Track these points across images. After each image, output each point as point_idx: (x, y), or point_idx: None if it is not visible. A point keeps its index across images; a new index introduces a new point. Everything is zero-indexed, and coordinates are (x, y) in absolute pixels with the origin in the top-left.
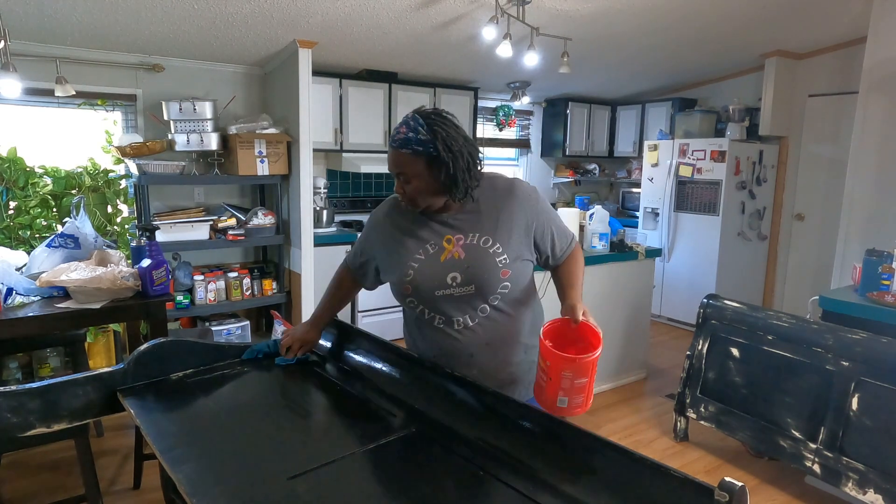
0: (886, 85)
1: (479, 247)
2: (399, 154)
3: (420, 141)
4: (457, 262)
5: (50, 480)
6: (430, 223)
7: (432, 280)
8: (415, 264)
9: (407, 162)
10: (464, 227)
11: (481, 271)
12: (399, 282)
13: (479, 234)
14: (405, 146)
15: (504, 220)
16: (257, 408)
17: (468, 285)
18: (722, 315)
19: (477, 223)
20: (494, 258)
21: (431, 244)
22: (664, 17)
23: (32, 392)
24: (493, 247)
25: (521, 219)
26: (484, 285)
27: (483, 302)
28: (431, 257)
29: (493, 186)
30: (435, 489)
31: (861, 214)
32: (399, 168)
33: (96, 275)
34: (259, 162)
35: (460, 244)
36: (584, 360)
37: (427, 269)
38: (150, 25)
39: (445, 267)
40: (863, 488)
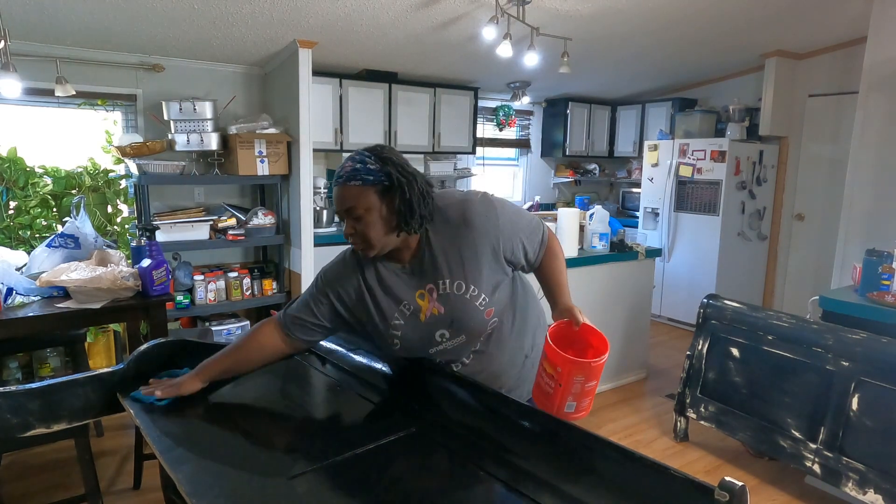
0: (886, 85)
1: (455, 295)
2: (346, 189)
3: (369, 170)
4: (439, 319)
5: (50, 480)
6: (394, 279)
7: (421, 342)
8: (397, 332)
9: (357, 195)
10: (429, 275)
11: (467, 321)
12: (387, 348)
13: (449, 281)
14: (353, 178)
15: (468, 256)
16: (257, 408)
17: (458, 337)
18: (722, 315)
19: (440, 267)
20: (474, 303)
21: (405, 304)
22: (664, 17)
23: (32, 392)
24: (469, 291)
25: (486, 246)
26: (473, 332)
27: (475, 344)
28: (411, 319)
29: (446, 220)
30: (435, 489)
31: (861, 214)
32: (348, 203)
33: (96, 275)
34: (259, 162)
35: (434, 297)
36: (598, 364)
37: (412, 334)
38: (150, 25)
39: (429, 326)
40: (863, 488)
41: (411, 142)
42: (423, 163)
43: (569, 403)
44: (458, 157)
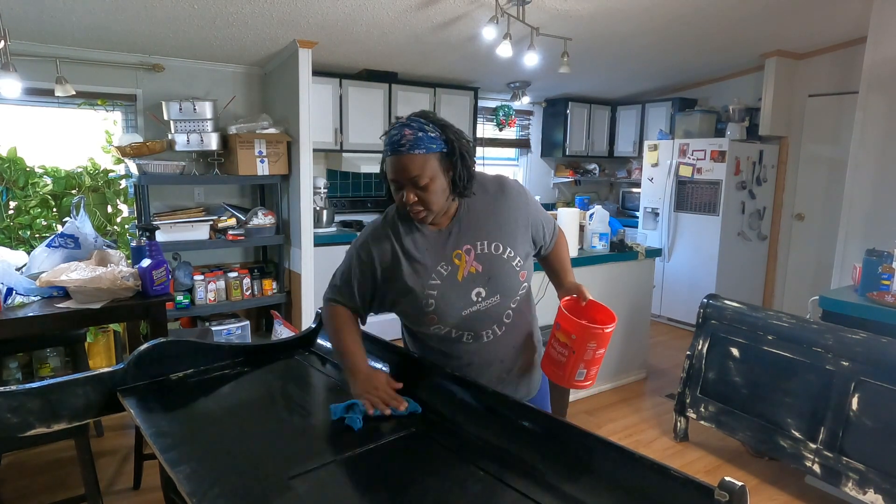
0: (886, 85)
1: (493, 255)
2: (411, 158)
3: (431, 138)
4: (477, 277)
5: (50, 480)
6: (430, 242)
7: (457, 302)
8: (433, 292)
9: (422, 164)
10: (468, 237)
11: (503, 279)
12: (420, 313)
13: (487, 241)
14: (416, 147)
15: (505, 221)
16: (257, 408)
17: (493, 296)
18: (722, 315)
19: (480, 230)
20: (511, 263)
21: (443, 265)
22: (664, 17)
23: (32, 392)
24: (506, 252)
25: (520, 217)
26: (508, 292)
27: (508, 308)
28: (448, 279)
29: (484, 188)
30: (435, 489)
31: (861, 214)
32: (414, 172)
33: (96, 275)
34: (259, 162)
35: (472, 256)
36: (608, 332)
37: (449, 293)
38: (150, 25)
39: (467, 284)
40: (863, 488)
41: None
42: None
43: (580, 371)
44: None
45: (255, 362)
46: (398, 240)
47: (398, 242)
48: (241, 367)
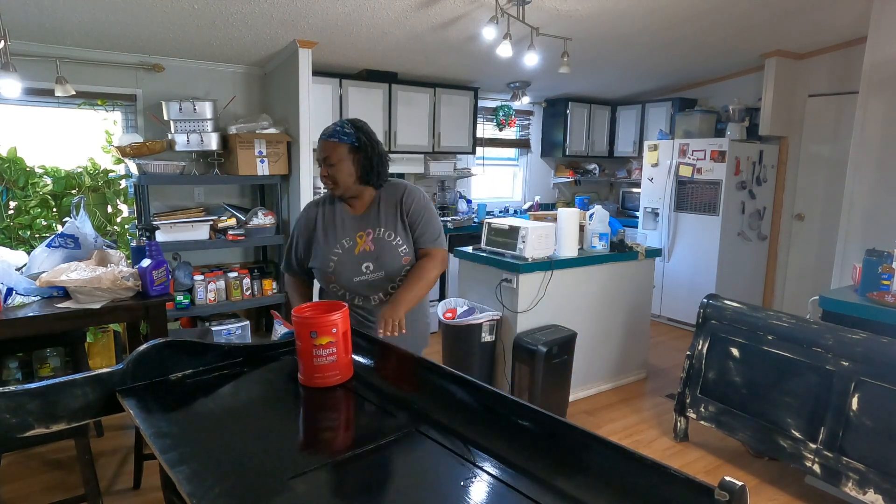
0: (886, 85)
1: (384, 240)
2: (327, 143)
3: (345, 133)
4: (368, 254)
5: (50, 480)
6: (345, 221)
7: (350, 269)
8: (334, 257)
9: (333, 148)
10: (371, 223)
11: (388, 260)
12: (323, 271)
13: (383, 229)
14: (332, 136)
15: (399, 216)
16: (257, 408)
17: (379, 272)
18: (722, 315)
19: (380, 220)
20: (397, 249)
21: (347, 239)
22: (664, 17)
23: (31, 393)
24: (395, 240)
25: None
26: (391, 271)
27: (391, 283)
28: (347, 251)
29: (394, 190)
30: (435, 489)
31: (861, 214)
32: (326, 153)
33: (96, 275)
34: (259, 162)
35: (370, 238)
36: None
37: (346, 260)
38: (150, 25)
39: (360, 258)
40: (863, 488)
41: (411, 142)
42: (423, 163)
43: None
44: (458, 157)
45: (254, 362)
46: (322, 212)
47: (322, 214)
48: (241, 367)
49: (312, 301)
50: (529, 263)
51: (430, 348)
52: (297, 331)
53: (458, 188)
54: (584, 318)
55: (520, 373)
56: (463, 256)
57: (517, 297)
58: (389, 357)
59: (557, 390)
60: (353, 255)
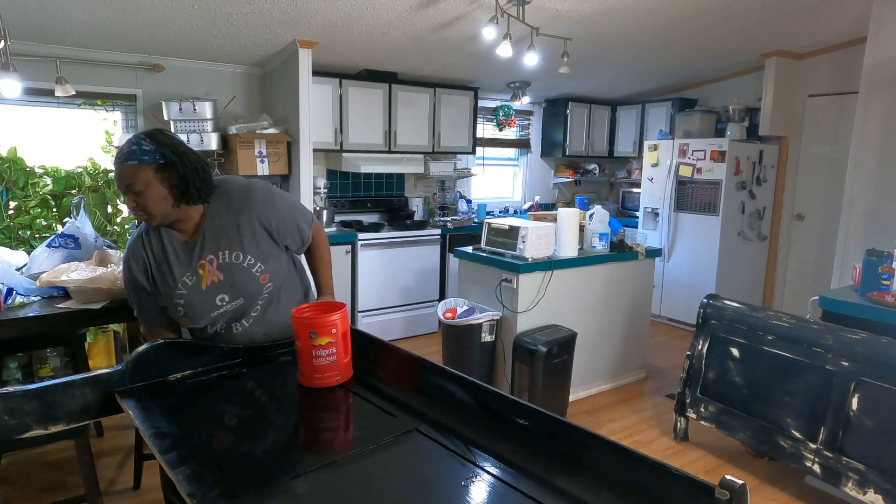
0: (886, 85)
1: (233, 263)
2: (125, 168)
3: (144, 150)
4: (219, 285)
5: (50, 480)
6: (178, 253)
7: (203, 307)
8: (180, 300)
9: (134, 173)
10: (211, 247)
11: (244, 285)
12: (175, 315)
13: (228, 251)
14: (130, 158)
15: (246, 230)
16: (257, 408)
17: (237, 299)
18: (722, 315)
19: (221, 242)
20: (251, 270)
21: (188, 276)
22: (664, 18)
23: (29, 394)
24: (246, 260)
25: (264, 223)
26: (251, 295)
27: (255, 305)
28: (193, 288)
29: (229, 199)
30: (435, 489)
31: (861, 214)
32: (127, 181)
33: (96, 275)
34: (259, 162)
35: (214, 266)
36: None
37: (195, 300)
38: (150, 26)
39: (210, 292)
40: (863, 488)
41: (411, 142)
42: (423, 163)
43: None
44: (458, 157)
45: (254, 363)
46: (150, 247)
47: (151, 253)
48: (241, 367)
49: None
50: (529, 263)
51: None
52: (296, 331)
53: (458, 188)
54: (584, 318)
55: (520, 373)
56: (463, 256)
57: (517, 297)
58: (389, 357)
59: (557, 390)
60: (200, 291)
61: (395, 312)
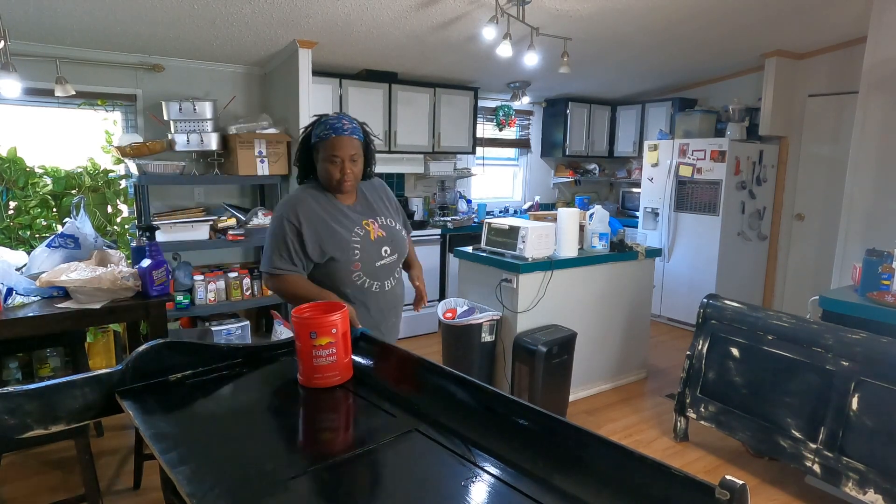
0: (886, 85)
1: (389, 226)
2: (352, 140)
3: (359, 130)
4: (383, 240)
5: (50, 480)
6: (345, 213)
7: (373, 254)
8: (357, 245)
9: (357, 145)
10: (370, 213)
11: (399, 243)
12: (349, 260)
13: (383, 217)
14: (355, 133)
15: (391, 207)
16: (257, 408)
17: (394, 254)
18: (722, 315)
19: (376, 210)
20: (401, 233)
21: (358, 228)
22: (664, 18)
23: (29, 394)
24: (396, 225)
25: (395, 204)
26: (402, 252)
27: (399, 265)
28: (364, 237)
29: (371, 183)
30: (435, 489)
31: (861, 214)
32: (353, 150)
33: (96, 275)
34: (259, 162)
35: (377, 226)
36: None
37: (368, 246)
38: (150, 25)
39: (377, 242)
40: (863, 488)
41: (411, 142)
42: (423, 163)
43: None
44: (458, 157)
45: (254, 363)
46: (322, 205)
47: (322, 207)
48: (241, 367)
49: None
50: (529, 263)
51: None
52: (296, 331)
53: (458, 188)
54: (584, 318)
55: (520, 373)
56: (463, 256)
57: (517, 297)
58: (389, 357)
59: (557, 390)
60: (370, 240)
61: None
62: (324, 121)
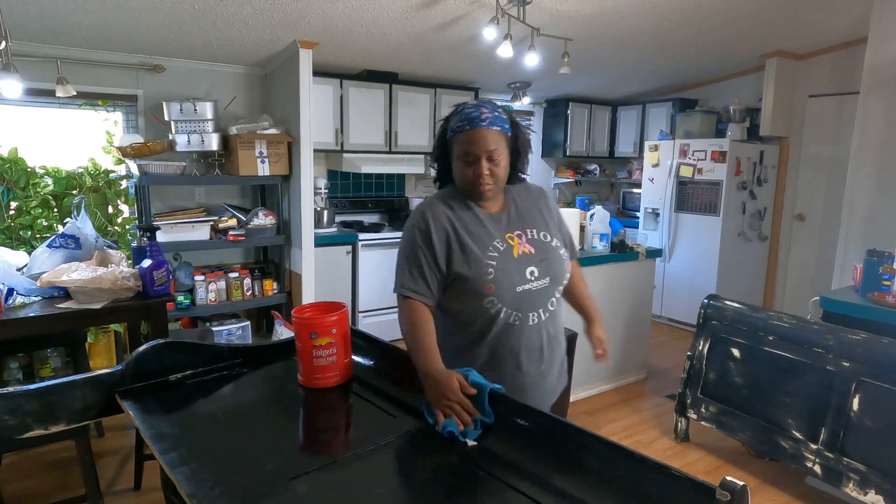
0: (887, 85)
1: (542, 241)
2: (491, 132)
3: (503, 119)
4: (530, 257)
5: (51, 480)
6: (483, 223)
7: (513, 276)
8: (492, 262)
9: (498, 139)
10: (517, 224)
11: (554, 263)
12: (479, 281)
13: (535, 230)
14: (495, 124)
15: (548, 217)
16: (257, 409)
17: (544, 278)
18: (722, 315)
19: (527, 220)
20: (558, 251)
21: (498, 241)
22: (665, 18)
23: (29, 394)
24: (553, 241)
25: (557, 218)
26: (557, 276)
27: (554, 294)
28: (504, 253)
29: (526, 186)
30: (435, 489)
31: (862, 215)
32: (493, 145)
33: (97, 275)
34: (260, 162)
35: (524, 240)
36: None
37: (507, 264)
38: (151, 26)
39: (522, 261)
40: (864, 489)
41: (412, 142)
42: (424, 163)
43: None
44: None
45: (254, 363)
46: (455, 216)
47: (456, 218)
48: (241, 367)
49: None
50: None
51: None
52: (296, 331)
53: None
54: None
55: None
56: None
57: None
58: (389, 357)
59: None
60: (511, 257)
61: (396, 313)
62: (460, 111)
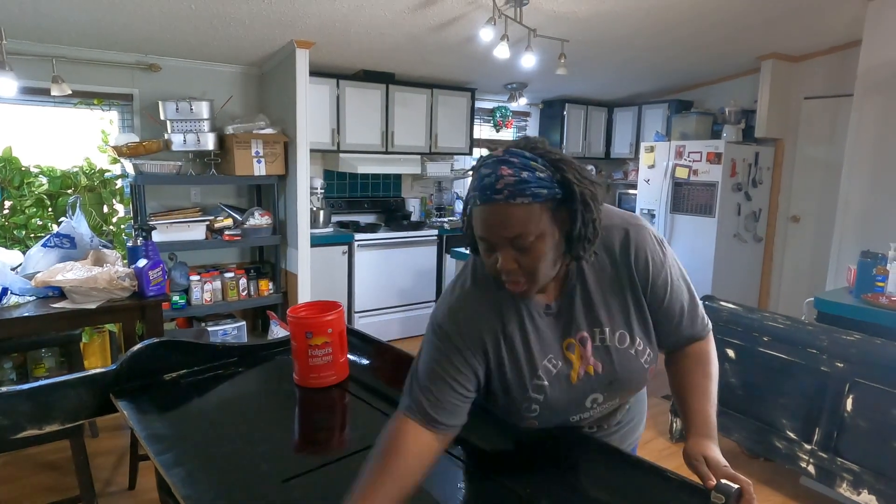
0: (881, 88)
1: (618, 348)
2: (513, 209)
3: (541, 180)
4: (595, 381)
5: (45, 481)
6: (537, 323)
7: (566, 410)
8: (538, 396)
9: (526, 218)
10: (584, 320)
11: (628, 382)
12: (517, 415)
13: (610, 329)
14: (522, 194)
15: (634, 299)
16: (252, 409)
17: (612, 401)
18: (717, 316)
19: (600, 309)
20: (639, 360)
21: (551, 359)
22: (661, 20)
23: (22, 394)
24: (635, 344)
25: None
26: (630, 394)
27: (621, 411)
28: (557, 379)
29: (608, 242)
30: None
31: (856, 216)
32: (517, 229)
33: (92, 275)
34: (256, 162)
35: (589, 350)
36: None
37: (559, 398)
38: (146, 25)
39: (581, 390)
40: (857, 489)
41: (408, 143)
42: (421, 163)
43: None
44: (455, 158)
45: (249, 362)
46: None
47: (503, 322)
48: (236, 367)
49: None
50: None
51: None
52: (292, 331)
53: (455, 189)
54: None
55: None
56: (460, 257)
57: None
58: (385, 357)
59: None
60: (568, 385)
61: (392, 313)
62: (478, 171)
